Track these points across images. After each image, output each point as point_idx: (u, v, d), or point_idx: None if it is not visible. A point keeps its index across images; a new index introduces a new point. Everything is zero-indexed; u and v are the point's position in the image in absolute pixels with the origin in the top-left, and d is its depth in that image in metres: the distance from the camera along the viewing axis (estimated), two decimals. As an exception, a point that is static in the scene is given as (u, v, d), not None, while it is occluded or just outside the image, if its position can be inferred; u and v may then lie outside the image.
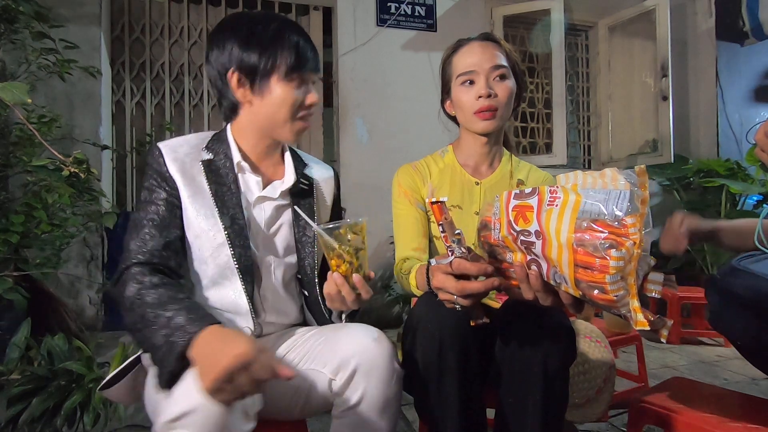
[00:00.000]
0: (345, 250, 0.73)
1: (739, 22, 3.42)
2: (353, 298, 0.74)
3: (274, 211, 0.89)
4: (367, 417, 0.73)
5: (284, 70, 0.81)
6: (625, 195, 0.53)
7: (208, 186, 0.83)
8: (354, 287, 0.74)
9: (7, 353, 1.28)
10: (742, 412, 0.88)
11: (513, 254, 0.66)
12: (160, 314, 0.67)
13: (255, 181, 0.88)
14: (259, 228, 0.87)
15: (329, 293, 0.76)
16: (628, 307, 0.55)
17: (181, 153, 0.84)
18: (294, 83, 0.82)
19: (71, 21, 2.37)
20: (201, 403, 0.57)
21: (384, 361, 0.73)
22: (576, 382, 1.12)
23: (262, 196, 0.88)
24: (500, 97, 0.98)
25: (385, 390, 0.73)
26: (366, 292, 0.75)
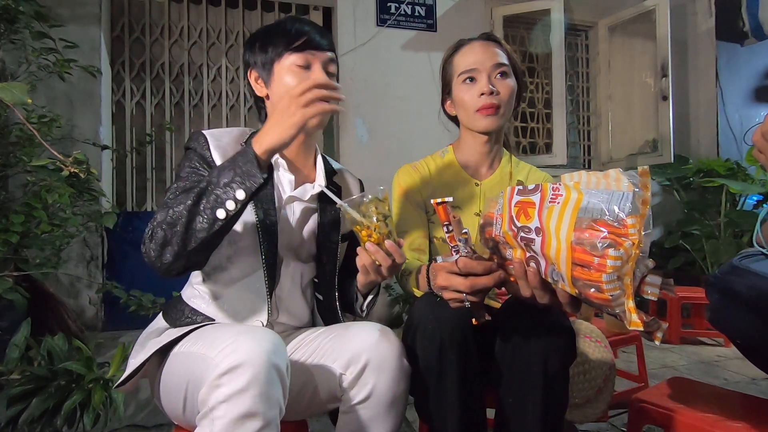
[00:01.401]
0: (373, 221, 0.74)
1: (739, 22, 3.42)
2: (389, 263, 0.74)
3: (301, 214, 0.90)
4: (376, 412, 0.74)
5: (281, 55, 0.83)
6: (627, 196, 0.53)
7: None
8: (388, 253, 0.74)
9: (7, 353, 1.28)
10: (742, 412, 0.88)
11: (513, 250, 0.66)
12: (204, 182, 0.71)
13: (288, 180, 0.89)
14: (286, 228, 0.88)
15: (363, 265, 0.76)
16: (623, 307, 0.55)
17: (224, 142, 0.85)
18: (296, 67, 0.83)
19: (71, 21, 2.37)
20: (249, 356, 0.59)
21: (394, 358, 0.74)
22: (576, 382, 1.12)
23: (293, 196, 0.88)
24: (502, 94, 0.98)
25: (393, 386, 0.74)
26: (399, 257, 0.75)
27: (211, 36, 2.77)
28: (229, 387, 0.58)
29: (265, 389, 0.59)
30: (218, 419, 0.58)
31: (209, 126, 2.75)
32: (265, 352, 0.61)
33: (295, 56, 0.83)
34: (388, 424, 0.75)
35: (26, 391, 1.13)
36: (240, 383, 0.58)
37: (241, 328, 0.69)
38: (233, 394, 0.58)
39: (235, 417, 0.58)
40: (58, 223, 1.63)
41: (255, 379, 0.59)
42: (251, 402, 0.58)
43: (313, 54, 0.84)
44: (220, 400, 0.59)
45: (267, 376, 0.60)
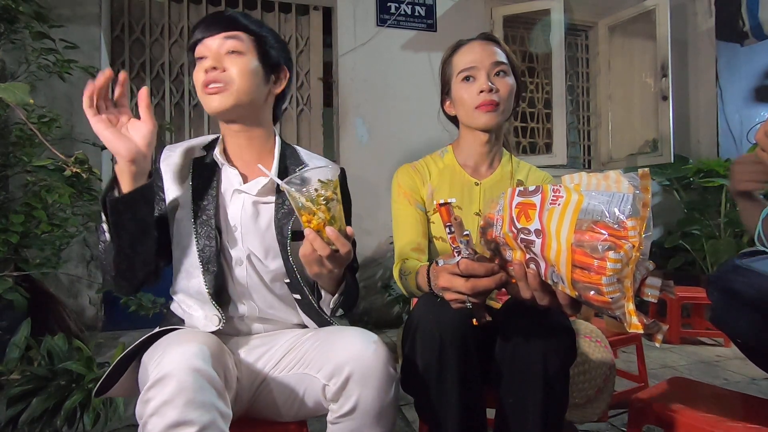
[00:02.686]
0: (315, 203, 0.67)
1: (739, 22, 3.42)
2: (328, 252, 0.68)
3: (252, 207, 0.88)
4: (362, 424, 0.71)
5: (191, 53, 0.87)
6: (628, 198, 0.53)
7: (191, 181, 0.87)
8: (329, 241, 0.68)
9: (7, 353, 1.28)
10: (742, 412, 0.88)
11: (513, 252, 0.66)
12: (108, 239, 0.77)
13: (233, 174, 0.89)
14: (237, 222, 0.86)
15: (304, 254, 0.71)
16: (623, 310, 0.55)
17: (178, 151, 0.90)
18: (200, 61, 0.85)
19: (71, 21, 2.37)
20: (172, 366, 0.60)
21: (379, 369, 0.70)
22: (576, 382, 1.12)
23: (239, 189, 0.88)
24: (501, 92, 0.98)
25: (380, 397, 0.70)
26: (342, 245, 0.68)
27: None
28: (156, 400, 0.59)
29: (192, 396, 0.59)
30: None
31: (209, 126, 2.75)
32: (189, 360, 0.61)
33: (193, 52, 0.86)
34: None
35: (26, 391, 1.13)
36: (165, 395, 0.58)
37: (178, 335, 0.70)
38: (160, 406, 0.58)
39: (163, 427, 0.58)
40: (58, 223, 1.63)
41: (180, 388, 0.59)
42: (179, 411, 0.58)
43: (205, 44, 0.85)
44: (150, 414, 0.59)
45: (194, 383, 0.60)
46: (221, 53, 0.83)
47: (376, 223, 2.79)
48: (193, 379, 0.60)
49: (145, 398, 0.60)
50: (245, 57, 0.84)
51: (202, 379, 0.61)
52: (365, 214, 2.76)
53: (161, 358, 0.62)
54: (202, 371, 0.61)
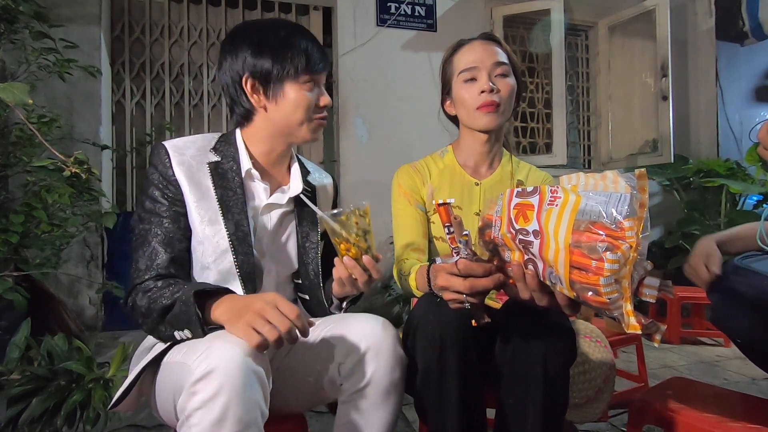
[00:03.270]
0: (352, 235, 0.74)
1: (739, 22, 3.42)
2: (366, 279, 0.77)
3: (280, 219, 0.91)
4: (374, 401, 0.76)
5: (297, 74, 0.84)
6: (625, 198, 0.53)
7: (214, 190, 0.83)
8: (365, 269, 0.76)
9: (7, 353, 1.28)
10: (742, 412, 0.88)
11: (511, 253, 0.66)
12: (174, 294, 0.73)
13: (263, 188, 0.89)
14: (265, 235, 0.89)
15: (340, 277, 0.78)
16: (622, 311, 0.55)
17: (188, 155, 0.84)
18: (307, 86, 0.85)
19: (71, 21, 2.37)
20: (221, 361, 0.59)
21: (390, 346, 0.77)
22: (576, 382, 1.12)
23: (270, 203, 0.89)
24: (503, 92, 0.98)
25: (390, 372, 0.76)
26: (376, 272, 0.77)
27: (211, 36, 2.77)
28: (203, 393, 0.58)
29: (240, 392, 0.59)
30: (194, 426, 0.58)
31: (209, 126, 2.75)
32: (239, 356, 0.60)
33: (306, 77, 0.85)
34: (386, 411, 0.77)
35: (26, 391, 1.13)
36: (213, 388, 0.58)
37: (219, 332, 0.68)
38: (207, 400, 0.58)
39: (210, 423, 0.57)
40: (58, 223, 1.63)
41: (228, 384, 0.58)
42: (225, 407, 0.58)
43: (317, 75, 0.87)
44: (195, 407, 0.58)
45: (243, 379, 0.59)
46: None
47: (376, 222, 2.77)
48: (244, 375, 0.59)
49: (191, 390, 0.59)
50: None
51: (252, 376, 0.61)
52: (365, 214, 2.75)
53: (209, 352, 0.61)
54: (252, 368, 0.61)
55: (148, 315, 0.75)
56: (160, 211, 0.81)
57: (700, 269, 0.93)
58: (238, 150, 0.88)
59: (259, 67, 0.83)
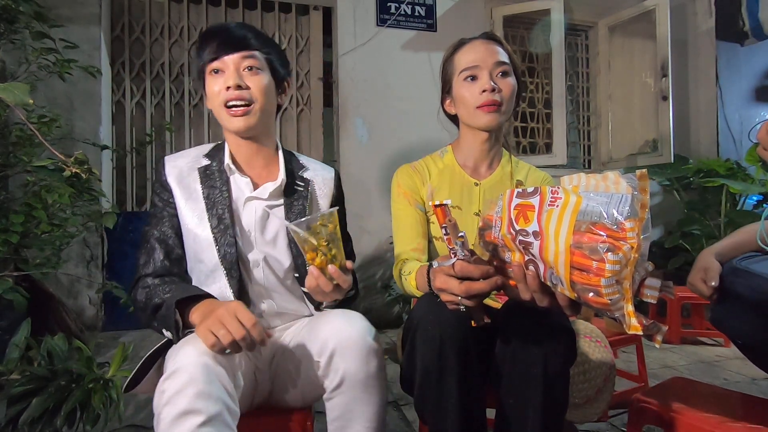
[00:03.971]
0: (318, 242, 0.74)
1: (739, 22, 3.42)
2: (331, 288, 0.76)
3: (264, 212, 0.92)
4: (353, 396, 0.77)
5: (206, 65, 0.89)
6: (626, 199, 0.53)
7: (201, 190, 0.90)
8: (331, 278, 0.75)
9: (7, 353, 1.28)
10: (742, 412, 0.88)
11: (512, 254, 0.66)
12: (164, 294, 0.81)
13: (245, 182, 0.93)
14: (251, 227, 0.91)
15: (309, 287, 0.78)
16: (623, 312, 0.54)
17: (181, 162, 0.93)
18: (213, 75, 0.89)
19: (71, 21, 2.37)
20: (185, 361, 0.65)
21: (357, 339, 0.76)
22: (576, 382, 1.12)
23: (252, 196, 0.92)
24: (504, 92, 0.98)
25: (363, 366, 0.76)
26: (343, 282, 0.76)
27: (211, 36, 2.77)
28: (168, 391, 0.64)
29: (202, 388, 0.64)
30: (162, 421, 0.63)
31: (209, 126, 2.75)
32: (201, 357, 0.66)
33: (213, 65, 0.88)
34: (369, 404, 0.78)
35: (26, 391, 1.13)
36: (176, 386, 0.64)
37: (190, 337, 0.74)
38: (172, 396, 0.63)
39: (174, 415, 0.62)
40: (58, 223, 1.63)
41: (191, 380, 0.63)
42: (188, 400, 0.62)
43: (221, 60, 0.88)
44: (163, 404, 0.64)
45: (204, 376, 0.64)
46: (240, 69, 0.87)
47: (376, 222, 2.78)
48: (203, 372, 0.65)
49: (160, 389, 0.65)
50: (262, 74, 0.89)
51: (212, 375, 0.66)
52: (365, 213, 2.76)
53: (177, 354, 0.68)
54: (212, 368, 0.66)
55: (144, 310, 0.83)
56: (159, 214, 0.90)
57: (698, 285, 0.93)
58: (224, 150, 0.95)
59: (196, 71, 0.93)
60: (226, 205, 0.89)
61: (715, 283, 0.89)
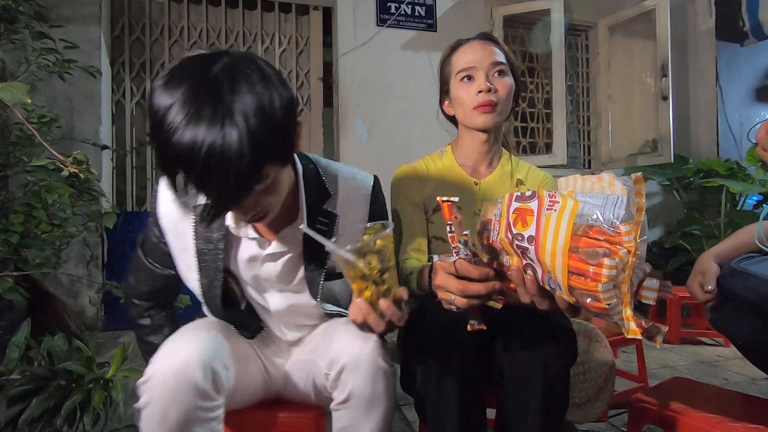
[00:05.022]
0: (370, 270, 0.62)
1: (739, 22, 3.42)
2: (383, 327, 0.65)
3: (288, 263, 0.82)
4: (358, 411, 0.75)
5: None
6: (621, 201, 0.53)
7: (194, 242, 0.80)
8: (382, 314, 0.64)
9: (7, 353, 1.28)
10: (742, 412, 0.88)
11: (510, 257, 0.66)
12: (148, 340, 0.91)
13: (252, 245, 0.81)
14: (271, 276, 0.83)
15: (355, 321, 0.67)
16: (621, 315, 0.54)
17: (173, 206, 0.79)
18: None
19: (71, 21, 2.37)
20: (157, 371, 0.68)
21: (368, 359, 0.73)
22: (576, 382, 1.12)
23: (269, 254, 0.81)
24: (500, 92, 0.98)
25: (370, 385, 0.74)
26: (398, 319, 0.65)
27: (211, 36, 2.77)
28: (144, 397, 0.68)
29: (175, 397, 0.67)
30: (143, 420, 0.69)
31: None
32: (173, 367, 0.67)
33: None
34: (373, 421, 0.76)
35: (26, 391, 1.13)
36: (149, 395, 0.67)
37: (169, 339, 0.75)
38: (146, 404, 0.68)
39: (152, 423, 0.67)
40: (58, 223, 1.63)
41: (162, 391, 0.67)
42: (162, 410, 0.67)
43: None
44: (142, 405, 0.68)
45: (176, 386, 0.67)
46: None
47: (376, 223, 2.78)
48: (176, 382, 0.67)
49: (140, 389, 0.68)
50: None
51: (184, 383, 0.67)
52: (365, 214, 2.75)
53: (153, 360, 0.70)
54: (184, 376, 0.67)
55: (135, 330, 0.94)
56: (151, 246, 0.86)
57: (695, 290, 0.93)
58: None
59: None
60: (217, 269, 0.80)
61: (712, 287, 0.89)
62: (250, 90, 0.58)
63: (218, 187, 0.58)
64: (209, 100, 0.56)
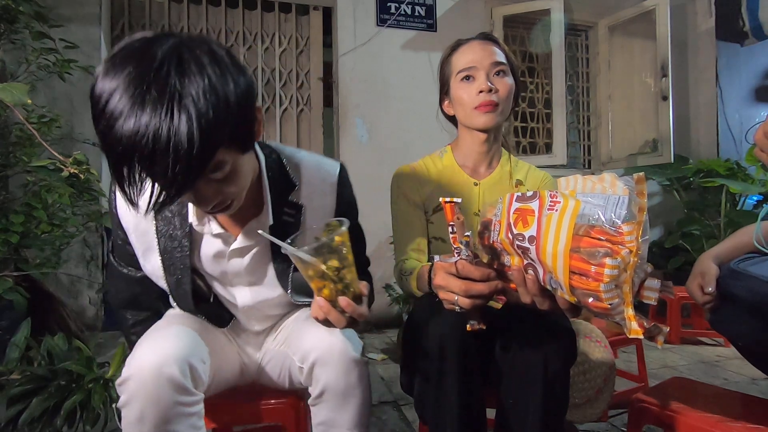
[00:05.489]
0: (326, 268, 0.61)
1: (739, 22, 3.42)
2: (345, 323, 0.65)
3: (255, 257, 0.81)
4: (334, 404, 0.76)
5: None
6: (623, 201, 0.53)
7: (157, 240, 0.77)
8: (343, 311, 0.64)
9: (7, 353, 1.28)
10: (742, 412, 0.88)
11: (511, 257, 0.66)
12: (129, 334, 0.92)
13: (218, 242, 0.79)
14: (239, 270, 0.82)
15: (316, 318, 0.66)
16: (623, 315, 0.54)
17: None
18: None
19: (71, 21, 2.37)
20: (135, 370, 0.67)
21: (339, 352, 0.74)
22: (576, 382, 1.12)
23: (235, 249, 0.79)
24: (500, 92, 0.98)
25: (344, 379, 0.74)
26: (359, 315, 0.65)
27: (211, 36, 2.77)
28: (123, 397, 0.68)
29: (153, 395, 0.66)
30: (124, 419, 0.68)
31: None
32: (151, 364, 0.66)
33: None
34: (350, 411, 0.77)
35: (26, 391, 1.13)
36: (128, 395, 0.67)
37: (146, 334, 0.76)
38: (125, 403, 0.67)
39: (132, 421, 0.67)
40: (58, 223, 1.64)
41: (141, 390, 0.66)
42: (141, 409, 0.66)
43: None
44: (121, 405, 0.68)
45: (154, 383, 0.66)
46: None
47: (376, 222, 2.77)
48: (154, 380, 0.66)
49: (119, 390, 0.69)
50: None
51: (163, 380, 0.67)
52: (365, 213, 2.74)
53: (130, 357, 0.69)
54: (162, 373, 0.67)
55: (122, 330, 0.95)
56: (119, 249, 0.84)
57: (694, 292, 0.93)
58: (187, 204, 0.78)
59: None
60: (185, 268, 0.78)
61: (712, 288, 0.89)
62: (199, 72, 0.54)
63: (166, 176, 0.54)
64: (154, 83, 0.52)
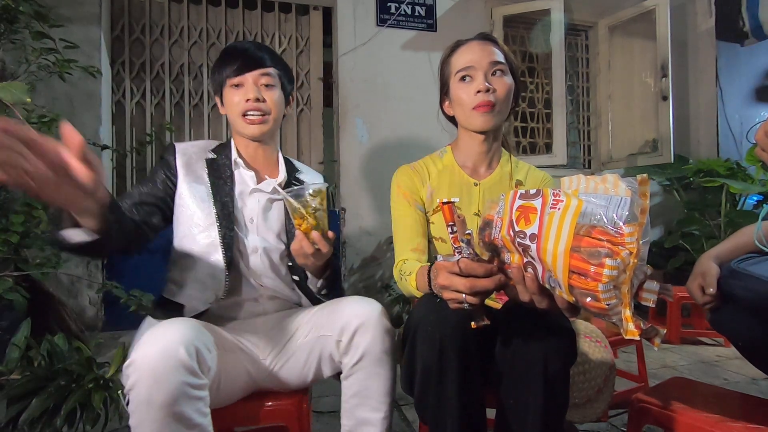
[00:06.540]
0: (306, 211, 0.84)
1: (739, 22, 3.42)
2: (312, 251, 0.85)
3: (267, 203, 1.06)
4: (370, 371, 0.87)
5: (224, 81, 1.02)
6: (625, 202, 0.53)
7: (207, 178, 1.01)
8: (313, 242, 0.84)
9: (7, 353, 1.28)
10: (742, 412, 0.88)
11: (511, 255, 0.66)
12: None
13: (249, 176, 1.05)
14: (254, 214, 1.03)
15: (294, 249, 0.87)
16: (620, 316, 0.54)
17: (191, 150, 1.05)
18: (235, 88, 1.02)
19: (71, 21, 2.37)
20: (140, 354, 0.71)
21: (377, 319, 0.88)
22: (576, 382, 1.12)
23: (257, 188, 1.05)
24: (499, 92, 0.98)
25: (380, 343, 0.87)
26: (324, 247, 0.85)
27: (211, 36, 2.77)
28: (130, 380, 0.71)
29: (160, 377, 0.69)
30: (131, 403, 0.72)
31: (209, 126, 2.75)
32: (157, 348, 0.71)
33: (232, 80, 1.02)
34: (383, 377, 0.88)
35: (26, 391, 1.13)
36: (134, 378, 0.70)
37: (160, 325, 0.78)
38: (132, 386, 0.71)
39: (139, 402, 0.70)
40: (58, 223, 1.63)
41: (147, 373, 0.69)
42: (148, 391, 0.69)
43: (241, 77, 1.01)
44: (128, 389, 0.72)
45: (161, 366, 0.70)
46: (258, 85, 1.02)
47: (376, 223, 2.78)
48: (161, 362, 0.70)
49: (126, 373, 0.72)
50: (275, 89, 1.03)
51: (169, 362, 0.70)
52: (365, 214, 2.76)
53: (138, 343, 0.73)
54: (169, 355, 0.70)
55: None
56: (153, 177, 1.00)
57: (695, 292, 0.93)
58: (230, 148, 1.07)
59: (215, 83, 1.06)
60: (229, 195, 1.01)
61: (713, 289, 0.89)
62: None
63: (249, 54, 1.01)
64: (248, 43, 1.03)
